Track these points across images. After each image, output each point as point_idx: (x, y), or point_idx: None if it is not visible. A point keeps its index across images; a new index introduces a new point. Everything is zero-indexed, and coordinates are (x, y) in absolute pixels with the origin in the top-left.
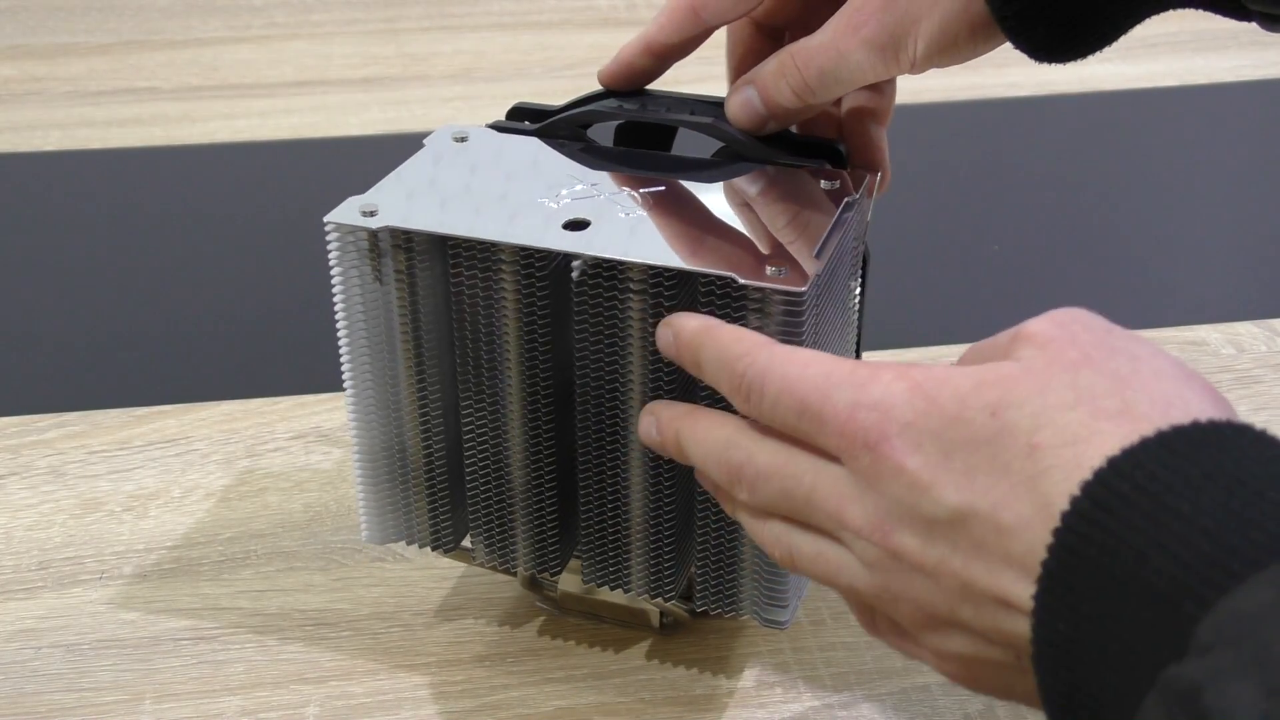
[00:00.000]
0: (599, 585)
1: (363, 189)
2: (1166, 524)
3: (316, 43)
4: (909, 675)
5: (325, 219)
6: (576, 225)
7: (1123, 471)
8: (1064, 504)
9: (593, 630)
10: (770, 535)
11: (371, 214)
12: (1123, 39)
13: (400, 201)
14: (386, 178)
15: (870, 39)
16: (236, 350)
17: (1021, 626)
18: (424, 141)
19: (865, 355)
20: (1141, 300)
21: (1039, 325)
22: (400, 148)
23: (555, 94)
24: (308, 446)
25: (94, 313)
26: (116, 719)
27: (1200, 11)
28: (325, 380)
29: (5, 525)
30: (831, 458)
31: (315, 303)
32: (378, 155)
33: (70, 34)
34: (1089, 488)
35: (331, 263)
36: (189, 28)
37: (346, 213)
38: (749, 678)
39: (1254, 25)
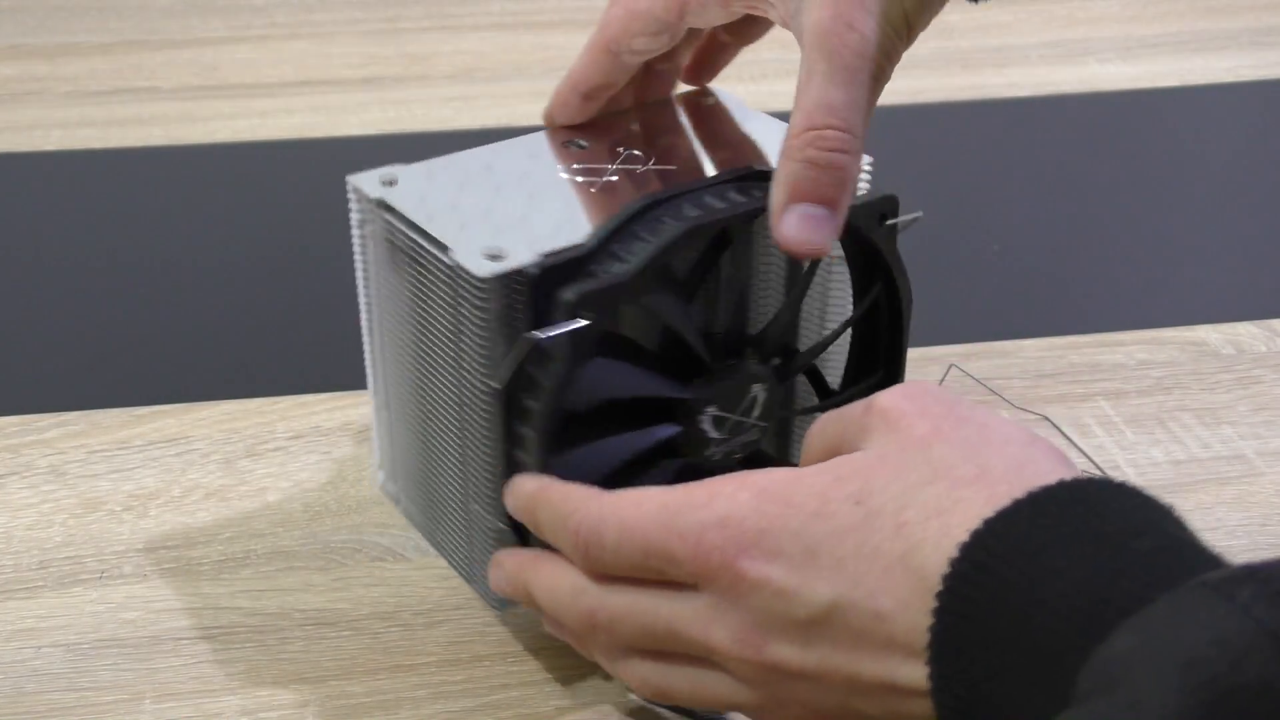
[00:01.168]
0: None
1: None
2: (1044, 581)
3: (316, 43)
4: None
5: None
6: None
7: (997, 533)
8: (938, 578)
9: None
10: (637, 675)
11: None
12: (1122, 38)
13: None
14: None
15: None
16: (236, 350)
17: (918, 707)
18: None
19: None
20: (1141, 300)
21: (890, 399)
22: (400, 148)
23: None
24: (308, 446)
25: (94, 313)
26: (116, 718)
27: (1200, 10)
28: (325, 380)
29: (5, 525)
30: (688, 587)
31: (315, 302)
32: (378, 155)
33: (70, 34)
34: (966, 551)
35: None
36: (189, 28)
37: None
38: None
39: (1253, 25)
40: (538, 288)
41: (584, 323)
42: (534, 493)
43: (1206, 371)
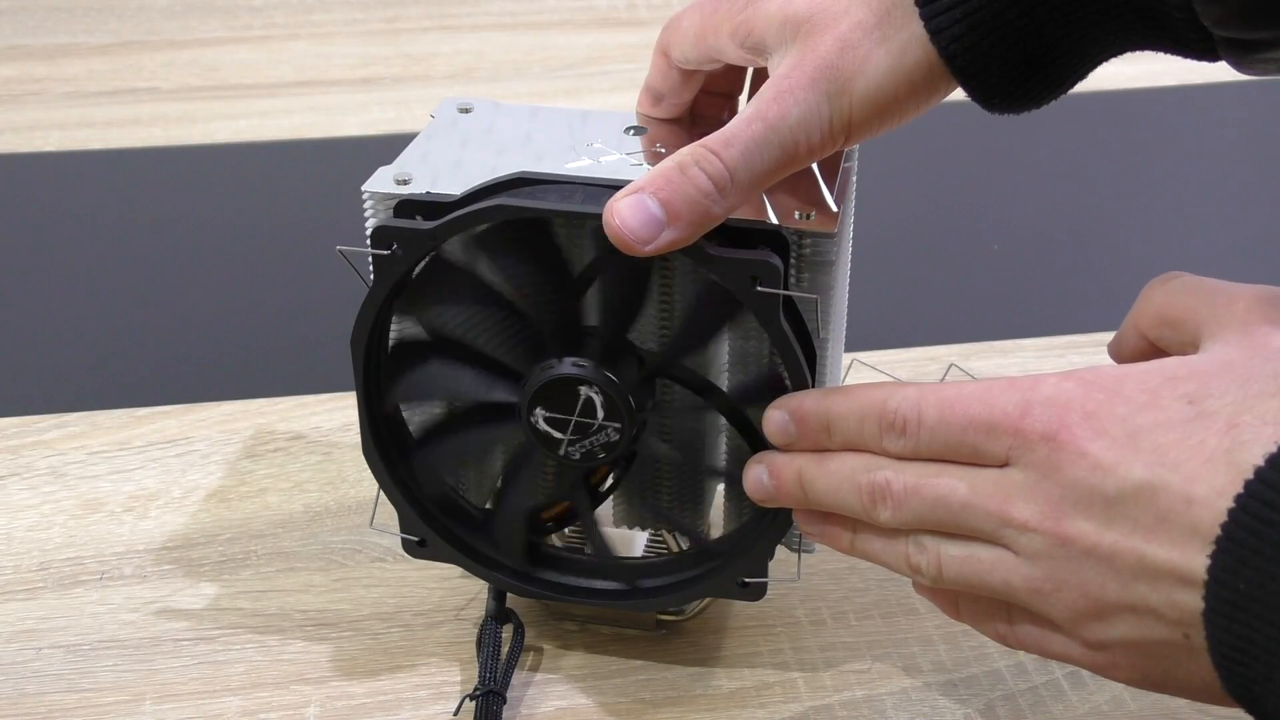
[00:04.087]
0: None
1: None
2: None
3: (316, 43)
4: (910, 675)
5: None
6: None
7: None
8: (1251, 470)
9: (592, 630)
10: (913, 548)
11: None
12: None
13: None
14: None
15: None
16: (236, 350)
17: (1197, 600)
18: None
19: (864, 356)
20: None
21: (1254, 301)
22: (400, 148)
23: (555, 94)
24: (308, 447)
25: (94, 313)
26: (117, 719)
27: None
28: (325, 380)
29: (6, 526)
30: (991, 466)
31: (315, 303)
32: (378, 155)
33: (70, 34)
34: (1278, 454)
35: None
36: (189, 28)
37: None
38: (749, 678)
39: None
40: (397, 215)
41: (383, 252)
42: (823, 396)
43: None
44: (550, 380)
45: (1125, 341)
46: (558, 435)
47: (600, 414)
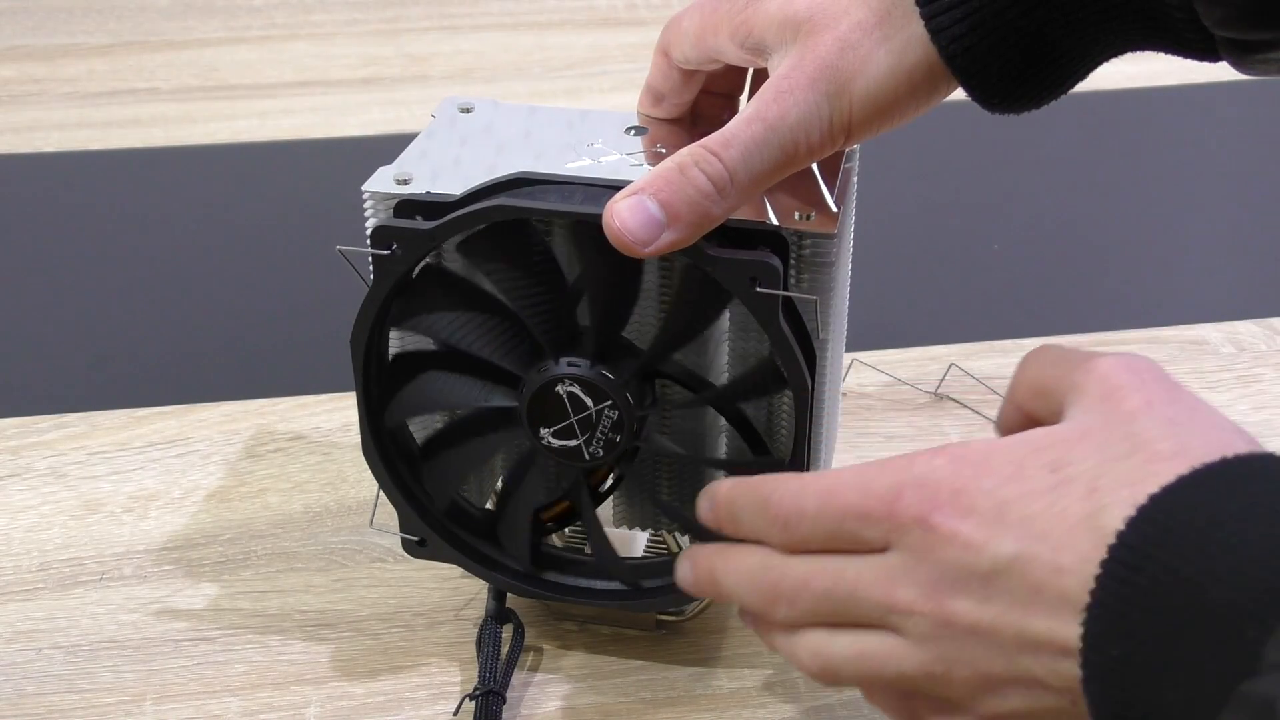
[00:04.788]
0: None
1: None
2: (1216, 554)
3: (316, 43)
4: None
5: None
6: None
7: (1167, 505)
8: (1115, 534)
9: (592, 630)
10: (807, 647)
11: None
12: None
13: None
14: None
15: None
16: (236, 350)
17: (1077, 668)
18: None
19: (864, 356)
20: (1141, 300)
21: (1112, 367)
22: (400, 148)
23: (555, 94)
24: (308, 447)
25: (94, 313)
26: None
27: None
28: (325, 380)
29: (6, 526)
30: (875, 552)
31: (315, 303)
32: (378, 155)
33: (70, 35)
34: (1136, 519)
35: None
36: (188, 29)
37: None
38: (749, 678)
39: None
40: (397, 214)
41: (383, 252)
42: (731, 487)
43: (1206, 370)
44: (547, 381)
45: (1005, 415)
46: (557, 436)
47: (598, 414)
